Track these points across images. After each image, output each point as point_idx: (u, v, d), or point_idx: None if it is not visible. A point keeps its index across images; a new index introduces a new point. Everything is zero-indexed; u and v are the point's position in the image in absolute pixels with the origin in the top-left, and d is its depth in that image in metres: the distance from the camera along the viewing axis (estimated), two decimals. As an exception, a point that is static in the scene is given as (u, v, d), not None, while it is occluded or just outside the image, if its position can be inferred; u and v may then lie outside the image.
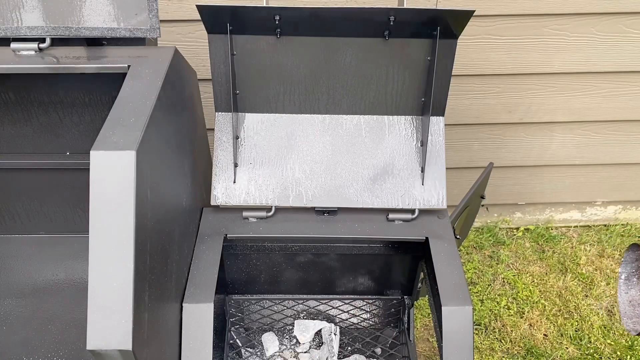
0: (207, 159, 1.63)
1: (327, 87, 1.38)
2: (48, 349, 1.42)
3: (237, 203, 1.40)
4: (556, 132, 2.16)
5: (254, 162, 1.41)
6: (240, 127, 1.42)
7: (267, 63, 1.35)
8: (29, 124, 1.51)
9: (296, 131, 1.41)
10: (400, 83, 1.37)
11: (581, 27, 1.90)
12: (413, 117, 1.42)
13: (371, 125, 1.42)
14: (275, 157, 1.41)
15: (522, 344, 2.05)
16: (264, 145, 1.41)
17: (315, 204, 1.39)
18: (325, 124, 1.42)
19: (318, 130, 1.42)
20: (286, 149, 1.41)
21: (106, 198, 0.94)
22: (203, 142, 1.58)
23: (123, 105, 1.06)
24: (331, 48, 1.33)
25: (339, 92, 1.39)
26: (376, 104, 1.40)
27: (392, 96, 1.39)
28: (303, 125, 1.41)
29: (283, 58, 1.34)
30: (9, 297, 1.53)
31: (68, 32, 1.26)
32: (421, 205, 1.39)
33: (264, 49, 1.33)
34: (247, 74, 1.37)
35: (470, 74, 1.97)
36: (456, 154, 2.20)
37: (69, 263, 1.61)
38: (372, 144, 1.41)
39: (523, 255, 2.39)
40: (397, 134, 1.42)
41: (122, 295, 0.91)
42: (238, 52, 1.34)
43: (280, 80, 1.37)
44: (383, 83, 1.37)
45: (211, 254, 1.33)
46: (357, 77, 1.37)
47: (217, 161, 1.40)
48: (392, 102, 1.40)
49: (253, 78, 1.37)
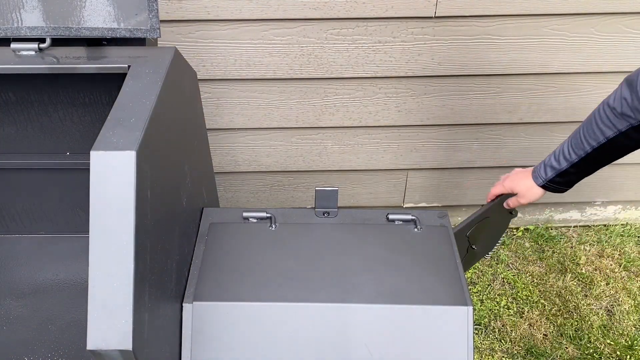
0: (208, 158, 1.63)
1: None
2: (48, 349, 1.42)
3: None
4: (556, 132, 2.16)
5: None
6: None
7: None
8: (29, 124, 1.51)
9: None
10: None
11: (581, 27, 1.90)
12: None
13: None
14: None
15: (522, 344, 2.05)
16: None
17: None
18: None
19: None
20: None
21: (106, 198, 0.94)
22: (203, 142, 1.58)
23: (123, 105, 1.06)
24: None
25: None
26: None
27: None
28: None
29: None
30: (9, 297, 1.53)
31: (68, 32, 1.26)
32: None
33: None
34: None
35: (470, 74, 1.97)
36: (456, 154, 2.20)
37: (69, 263, 1.61)
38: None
39: (523, 255, 2.39)
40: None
41: (122, 295, 0.92)
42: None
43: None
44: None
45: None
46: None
47: None
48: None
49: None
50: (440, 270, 1.31)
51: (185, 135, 1.34)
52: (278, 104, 2.00)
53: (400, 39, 1.87)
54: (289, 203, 2.32)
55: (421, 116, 2.07)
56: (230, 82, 1.94)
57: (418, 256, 1.34)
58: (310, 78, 1.94)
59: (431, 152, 2.19)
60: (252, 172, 2.20)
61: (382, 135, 2.13)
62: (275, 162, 2.17)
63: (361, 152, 2.17)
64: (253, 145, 2.12)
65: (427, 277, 1.30)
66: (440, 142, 2.17)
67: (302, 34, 1.84)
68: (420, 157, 2.20)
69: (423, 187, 2.32)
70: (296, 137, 2.10)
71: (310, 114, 2.03)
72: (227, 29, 1.81)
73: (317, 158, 2.17)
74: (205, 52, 1.86)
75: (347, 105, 2.02)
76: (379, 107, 2.03)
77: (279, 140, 2.11)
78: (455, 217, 2.46)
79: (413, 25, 1.85)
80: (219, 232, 1.41)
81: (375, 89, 1.99)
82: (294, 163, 2.18)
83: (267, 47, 1.86)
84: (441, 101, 2.04)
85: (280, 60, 1.89)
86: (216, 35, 1.82)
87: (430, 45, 1.89)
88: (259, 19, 1.79)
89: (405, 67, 1.93)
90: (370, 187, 2.30)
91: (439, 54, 1.91)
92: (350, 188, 2.29)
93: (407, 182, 2.29)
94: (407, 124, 2.09)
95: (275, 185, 2.26)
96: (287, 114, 2.02)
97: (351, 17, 1.81)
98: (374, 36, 1.86)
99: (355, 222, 1.43)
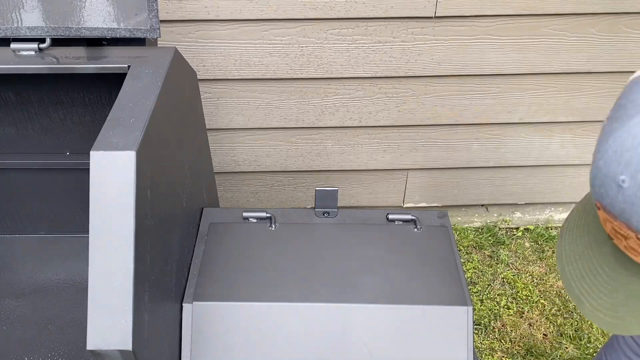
0: (207, 159, 1.63)
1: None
2: (48, 349, 1.42)
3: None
4: (556, 132, 2.16)
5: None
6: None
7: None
8: (29, 124, 1.51)
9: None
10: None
11: (581, 27, 1.90)
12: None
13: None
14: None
15: (522, 344, 2.05)
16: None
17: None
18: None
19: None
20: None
21: (106, 198, 0.94)
22: (203, 142, 1.58)
23: (123, 105, 1.06)
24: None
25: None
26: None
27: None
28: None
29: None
30: (9, 297, 1.53)
31: (68, 32, 1.26)
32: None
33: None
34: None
35: (470, 74, 1.97)
36: (456, 154, 2.20)
37: (69, 263, 1.61)
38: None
39: (523, 255, 2.39)
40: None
41: (122, 295, 0.92)
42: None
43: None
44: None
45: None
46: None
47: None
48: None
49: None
50: (440, 270, 1.31)
51: (186, 136, 1.34)
52: (278, 104, 2.00)
53: (400, 39, 1.87)
54: (289, 203, 2.32)
55: (421, 116, 2.07)
56: (230, 82, 1.94)
57: (418, 256, 1.34)
58: (310, 78, 1.94)
59: (431, 152, 2.19)
60: (252, 172, 2.20)
61: (382, 135, 2.13)
62: (275, 162, 2.17)
63: (361, 152, 2.17)
64: (253, 145, 2.12)
65: (427, 277, 1.30)
66: (440, 142, 2.17)
67: (302, 34, 1.84)
68: (420, 157, 2.20)
69: (423, 187, 2.32)
70: (296, 137, 2.10)
71: (310, 114, 2.03)
72: (227, 29, 1.82)
73: (317, 158, 2.17)
74: (205, 52, 1.86)
75: (347, 105, 2.02)
76: (379, 107, 2.03)
77: (279, 140, 2.11)
78: (455, 217, 2.46)
79: (413, 25, 1.85)
80: (219, 232, 1.41)
81: (375, 89, 1.99)
82: (294, 163, 2.18)
83: (267, 47, 1.86)
84: (441, 101, 2.04)
85: (280, 60, 1.89)
86: (216, 35, 1.82)
87: (430, 45, 1.89)
88: (258, 19, 1.79)
89: (405, 67, 1.93)
90: (370, 187, 2.30)
91: (439, 54, 1.91)
92: (350, 188, 2.29)
93: (407, 182, 2.29)
94: (407, 124, 2.09)
95: (275, 185, 2.26)
96: (287, 114, 2.02)
97: (351, 17, 1.81)
98: (374, 36, 1.86)
99: (355, 222, 1.43)
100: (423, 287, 1.27)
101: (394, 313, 1.24)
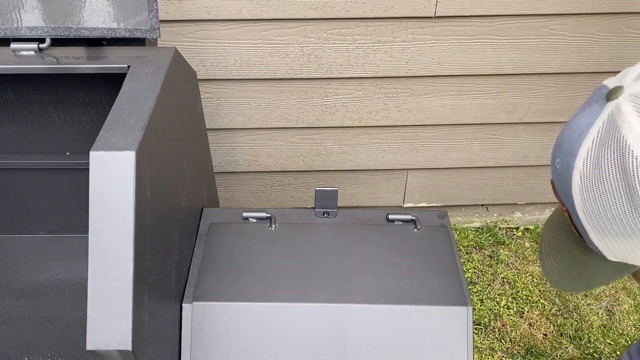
0: (207, 159, 1.63)
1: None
2: (48, 349, 1.43)
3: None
4: (556, 132, 2.16)
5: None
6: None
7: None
8: (29, 124, 1.51)
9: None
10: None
11: (581, 27, 1.90)
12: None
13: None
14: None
15: (522, 344, 2.05)
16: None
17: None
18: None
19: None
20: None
21: (106, 198, 0.94)
22: (203, 142, 1.58)
23: (123, 105, 1.06)
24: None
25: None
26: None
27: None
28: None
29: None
30: (9, 297, 1.53)
31: (68, 32, 1.26)
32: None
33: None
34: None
35: (470, 74, 1.97)
36: (456, 154, 2.20)
37: (69, 263, 1.61)
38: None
39: (523, 255, 2.39)
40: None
41: (122, 295, 0.92)
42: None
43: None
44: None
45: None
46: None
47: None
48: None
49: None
50: (440, 270, 1.31)
51: (185, 135, 1.34)
52: (278, 104, 2.00)
53: (400, 39, 1.87)
54: (289, 203, 2.32)
55: (421, 116, 2.07)
56: (230, 82, 1.94)
57: (418, 256, 1.34)
58: (310, 78, 1.94)
59: (431, 152, 2.19)
60: (252, 172, 2.20)
61: (382, 135, 2.13)
62: (275, 162, 2.17)
63: (361, 152, 2.17)
64: (253, 145, 2.12)
65: (427, 277, 1.30)
66: (440, 142, 2.17)
67: (302, 34, 1.84)
68: (420, 157, 2.20)
69: (423, 187, 2.32)
70: (296, 137, 2.10)
71: (310, 114, 2.03)
72: (227, 29, 1.82)
73: (317, 158, 2.17)
74: (205, 52, 1.86)
75: (347, 105, 2.02)
76: (379, 107, 2.03)
77: (279, 140, 2.11)
78: (455, 217, 2.46)
79: (413, 25, 1.85)
80: (219, 232, 1.41)
81: (375, 89, 1.99)
82: (294, 163, 2.18)
83: (267, 47, 1.86)
84: (441, 101, 2.04)
85: (280, 60, 1.89)
86: (216, 35, 1.82)
87: (430, 45, 1.89)
88: (259, 19, 1.79)
89: (405, 67, 1.93)
90: (370, 187, 2.30)
91: (439, 54, 1.91)
92: (350, 188, 2.29)
93: (407, 182, 2.29)
94: (407, 124, 2.09)
95: (275, 185, 2.26)
96: (287, 114, 2.02)
97: (351, 17, 1.81)
98: (374, 36, 1.86)
99: (355, 222, 1.43)
100: (423, 287, 1.27)
101: (394, 313, 1.24)
